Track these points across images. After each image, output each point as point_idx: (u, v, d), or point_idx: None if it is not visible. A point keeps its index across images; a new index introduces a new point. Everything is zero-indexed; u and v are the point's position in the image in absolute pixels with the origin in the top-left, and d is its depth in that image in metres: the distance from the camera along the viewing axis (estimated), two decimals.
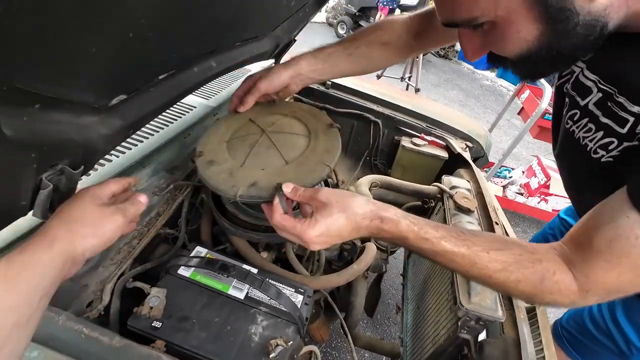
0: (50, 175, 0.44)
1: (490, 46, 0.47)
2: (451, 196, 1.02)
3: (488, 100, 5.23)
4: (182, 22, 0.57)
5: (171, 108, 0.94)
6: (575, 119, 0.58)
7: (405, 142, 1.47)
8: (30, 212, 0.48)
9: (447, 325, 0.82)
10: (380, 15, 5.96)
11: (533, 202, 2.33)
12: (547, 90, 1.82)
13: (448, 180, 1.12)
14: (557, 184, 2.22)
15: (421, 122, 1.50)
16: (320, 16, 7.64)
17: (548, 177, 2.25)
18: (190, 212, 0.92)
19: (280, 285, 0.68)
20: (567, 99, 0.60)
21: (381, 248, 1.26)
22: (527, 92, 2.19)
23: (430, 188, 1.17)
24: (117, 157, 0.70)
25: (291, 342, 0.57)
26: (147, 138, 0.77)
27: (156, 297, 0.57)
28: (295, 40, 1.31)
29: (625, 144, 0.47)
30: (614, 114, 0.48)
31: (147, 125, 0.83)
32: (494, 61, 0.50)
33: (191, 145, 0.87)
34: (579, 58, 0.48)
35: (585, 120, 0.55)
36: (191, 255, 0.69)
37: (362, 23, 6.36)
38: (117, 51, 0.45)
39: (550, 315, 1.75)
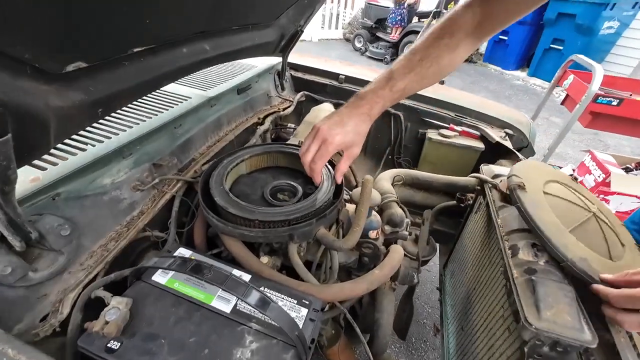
0: None
1: None
2: (495, 186, 0.82)
3: (521, 100, 4.87)
4: None
5: (161, 96, 0.86)
6: None
7: (432, 134, 1.29)
8: None
9: (507, 352, 0.62)
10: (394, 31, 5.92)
11: None
12: (598, 71, 1.57)
13: (489, 170, 0.93)
14: (620, 181, 1.88)
15: (449, 111, 1.33)
16: (337, 33, 7.77)
17: (607, 172, 1.92)
18: (187, 214, 0.82)
19: (279, 295, 0.53)
20: None
21: (410, 257, 1.07)
22: (572, 77, 1.92)
23: (467, 179, 0.98)
24: (94, 146, 0.61)
25: None
26: (131, 127, 0.69)
27: (115, 309, 0.45)
28: (302, 31, 1.22)
29: None
30: None
31: (129, 112, 0.75)
32: None
33: (182, 137, 0.77)
34: None
35: None
36: (170, 260, 0.57)
37: (379, 34, 6.34)
38: None
39: None
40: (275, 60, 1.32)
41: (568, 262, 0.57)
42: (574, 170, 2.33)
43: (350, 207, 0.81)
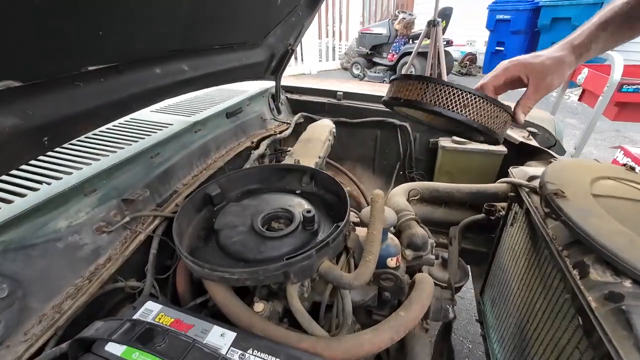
0: None
1: None
2: (534, 189, 0.68)
3: None
4: None
5: (135, 125, 0.79)
6: None
7: (445, 142, 1.17)
8: None
9: None
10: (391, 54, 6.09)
11: None
12: (617, 59, 1.45)
13: (521, 172, 0.78)
14: None
15: None
16: (335, 64, 8.04)
17: None
18: (172, 255, 0.70)
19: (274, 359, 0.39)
20: None
21: (440, 284, 0.91)
22: (586, 70, 1.80)
23: (497, 186, 0.84)
24: (49, 184, 0.52)
25: None
26: (98, 159, 0.60)
27: None
28: (293, 50, 1.17)
29: None
30: None
31: (95, 142, 0.66)
32: None
33: (161, 166, 0.68)
34: None
35: None
36: (137, 314, 0.44)
37: (376, 59, 6.49)
38: None
39: None
40: (269, 84, 1.27)
41: None
42: None
43: (361, 231, 0.68)
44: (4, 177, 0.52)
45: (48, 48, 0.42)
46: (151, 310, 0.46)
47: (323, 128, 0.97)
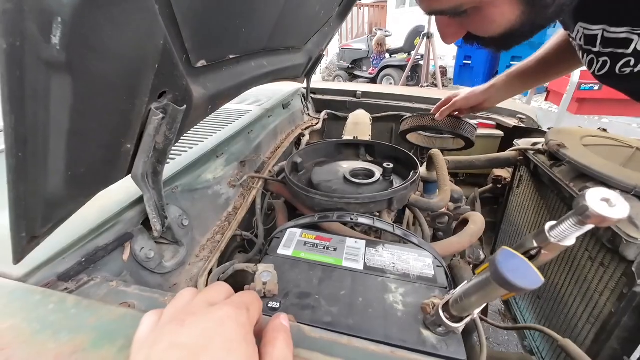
0: (158, 108, 0.39)
1: (471, 28, 0.50)
2: (539, 150, 0.90)
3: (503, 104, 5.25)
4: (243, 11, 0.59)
5: (232, 110, 0.95)
6: (632, 64, 0.54)
7: None
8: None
9: (608, 288, 0.64)
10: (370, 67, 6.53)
11: None
12: None
13: (524, 143, 1.02)
14: None
15: None
16: (317, 77, 8.39)
17: None
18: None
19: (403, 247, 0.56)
20: (604, 58, 0.58)
21: None
22: None
23: (508, 153, 1.06)
24: (191, 148, 0.66)
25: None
26: (216, 133, 0.74)
27: (267, 272, 0.46)
28: (323, 55, 1.37)
29: None
30: None
31: (214, 121, 0.82)
32: (472, 40, 0.53)
33: (255, 140, 0.83)
34: (551, 24, 0.50)
35: None
36: (285, 235, 0.59)
37: (356, 73, 6.91)
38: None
39: None
40: (298, 85, 1.45)
41: (638, 189, 0.62)
42: None
43: None
44: None
45: (218, 39, 0.58)
46: (295, 233, 0.61)
47: (365, 115, 1.16)
